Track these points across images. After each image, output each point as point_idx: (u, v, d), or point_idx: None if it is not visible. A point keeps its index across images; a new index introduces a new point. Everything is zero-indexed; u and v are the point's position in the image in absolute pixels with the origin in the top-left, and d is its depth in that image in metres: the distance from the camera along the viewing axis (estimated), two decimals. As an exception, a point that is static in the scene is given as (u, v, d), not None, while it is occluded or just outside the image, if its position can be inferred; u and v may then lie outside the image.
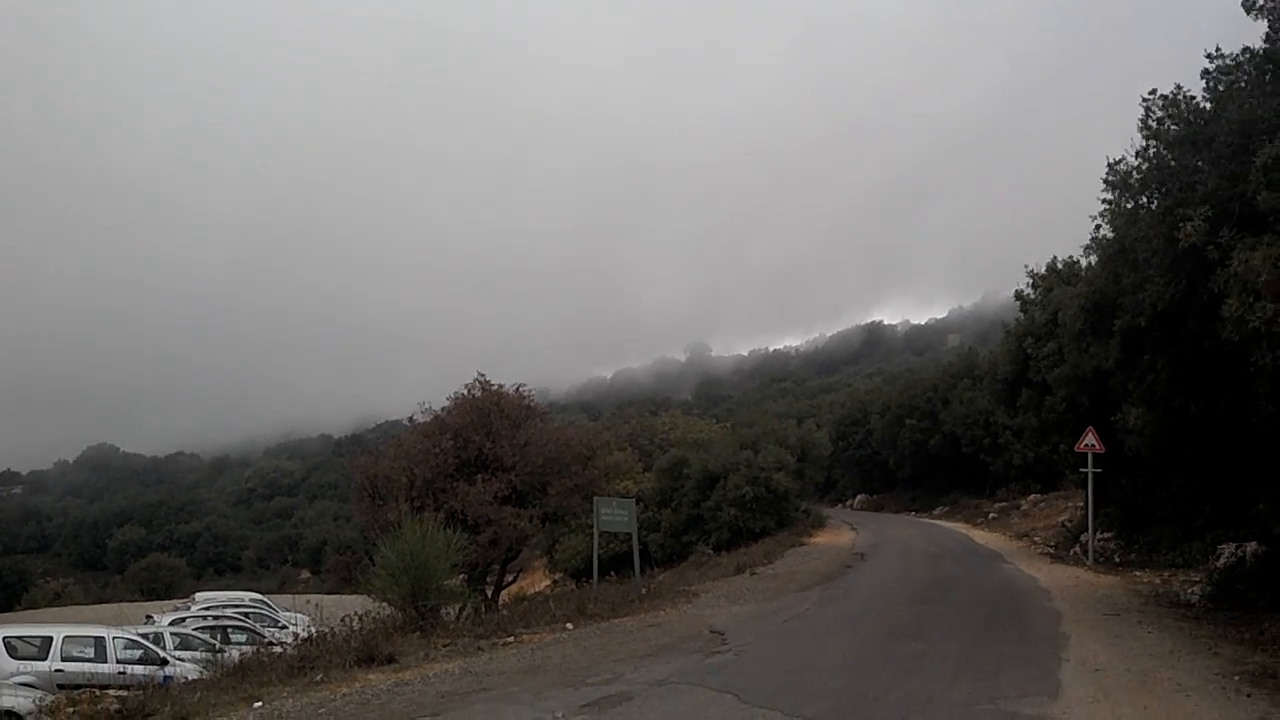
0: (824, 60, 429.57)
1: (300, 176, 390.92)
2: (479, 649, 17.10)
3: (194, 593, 51.73)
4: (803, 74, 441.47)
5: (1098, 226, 19.77)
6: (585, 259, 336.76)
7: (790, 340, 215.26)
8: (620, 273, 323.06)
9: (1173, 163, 15.33)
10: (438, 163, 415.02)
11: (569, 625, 19.83)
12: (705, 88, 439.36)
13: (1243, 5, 15.15)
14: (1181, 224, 14.14)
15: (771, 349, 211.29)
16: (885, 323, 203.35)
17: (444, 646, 17.27)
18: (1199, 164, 14.73)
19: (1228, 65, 15.58)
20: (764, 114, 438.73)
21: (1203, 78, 15.71)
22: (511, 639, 18.10)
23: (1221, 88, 15.52)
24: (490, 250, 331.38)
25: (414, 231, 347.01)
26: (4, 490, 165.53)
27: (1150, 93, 16.43)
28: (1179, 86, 16.11)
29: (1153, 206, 15.99)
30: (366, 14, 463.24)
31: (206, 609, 35.03)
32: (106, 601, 69.84)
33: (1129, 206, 16.99)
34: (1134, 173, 16.87)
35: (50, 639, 21.66)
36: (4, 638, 21.30)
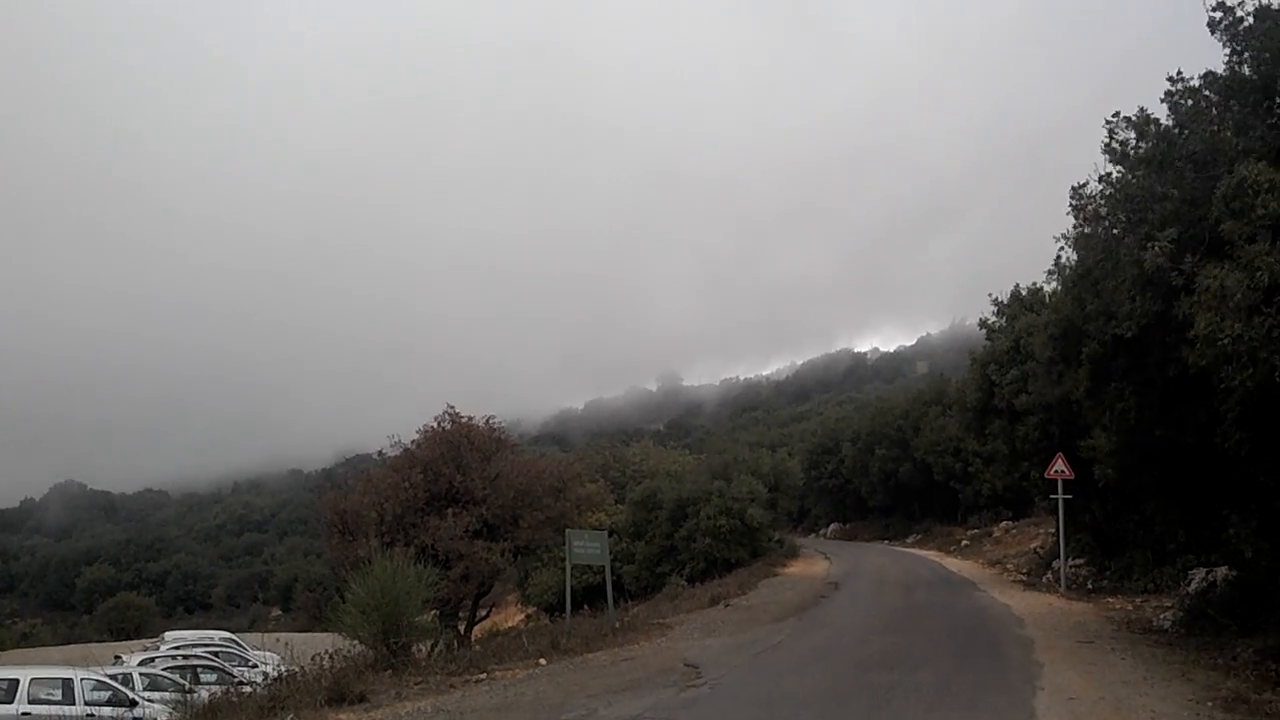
0: (862, 71, 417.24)
1: (295, 208, 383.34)
2: (451, 686, 16.96)
3: (163, 632, 51.10)
4: (837, 84, 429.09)
5: (1060, 251, 19.95)
6: (564, 293, 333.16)
7: (762, 369, 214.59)
8: (595, 305, 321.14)
9: (1137, 188, 15.45)
10: (429, 190, 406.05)
11: (542, 660, 19.69)
12: (727, 103, 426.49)
13: (1208, 25, 15.32)
14: (1147, 247, 14.24)
15: (744, 378, 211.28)
16: (856, 350, 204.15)
17: (416, 684, 17.11)
18: (1163, 189, 14.85)
19: (1191, 88, 15.73)
20: (787, 128, 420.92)
21: (1164, 100, 15.84)
22: (484, 676, 17.96)
23: (1184, 111, 15.67)
24: (463, 287, 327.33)
25: (394, 268, 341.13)
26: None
27: (1114, 115, 16.57)
28: (1142, 109, 16.25)
29: (1115, 232, 16.10)
30: (394, 24, 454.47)
31: (176, 648, 34.62)
32: (75, 642, 68.95)
33: (1092, 231, 17.09)
34: (1098, 197, 16.99)
35: (17, 681, 21.41)
36: (-31, 681, 21.03)
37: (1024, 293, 32.83)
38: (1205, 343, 12.85)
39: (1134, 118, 16.22)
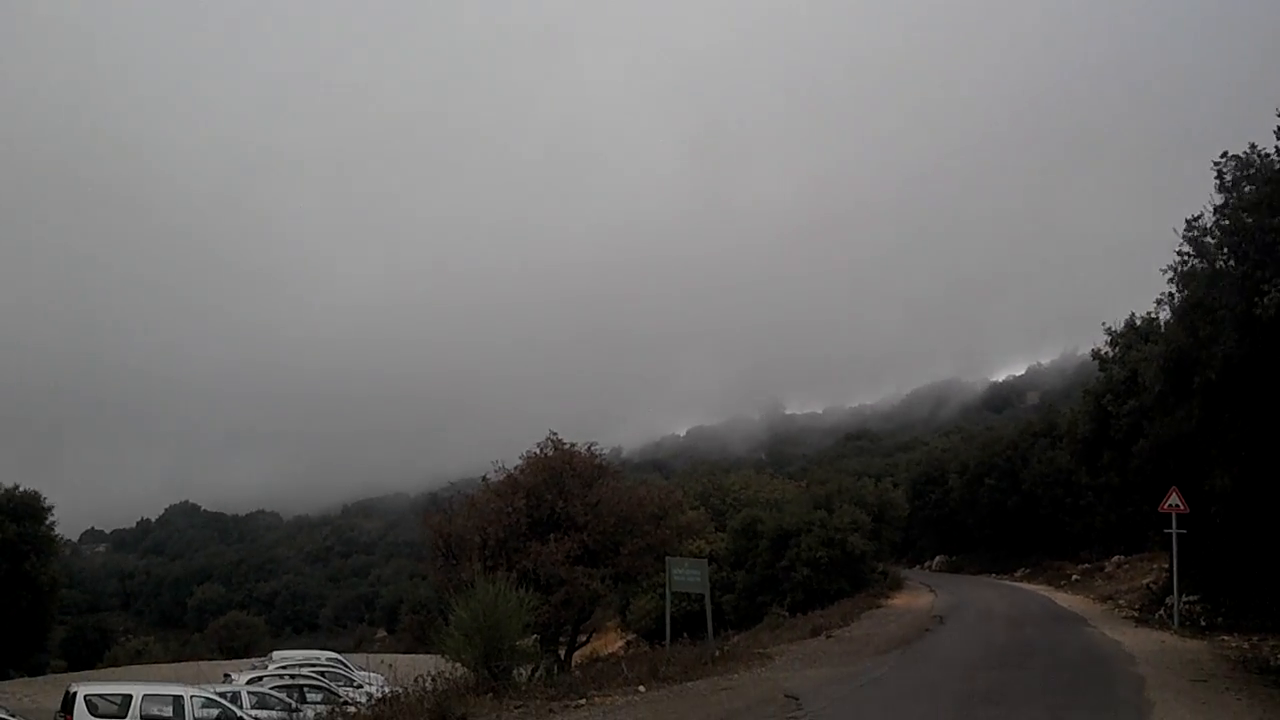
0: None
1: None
2: (551, 711, 17.05)
3: (271, 651, 52.03)
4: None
5: (1169, 283, 19.54)
6: (667, 321, 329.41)
7: (867, 398, 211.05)
8: (699, 332, 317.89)
9: (1250, 221, 15.08)
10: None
11: (641, 687, 19.68)
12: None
13: None
14: (1260, 294, 13.87)
15: (847, 406, 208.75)
16: (963, 380, 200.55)
17: (516, 708, 17.23)
18: (1276, 224, 14.47)
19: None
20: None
21: (1277, 136, 15.47)
22: (583, 701, 18.02)
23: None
24: (557, 309, 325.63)
25: (501, 295, 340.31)
26: (89, 548, 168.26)
27: (1222, 155, 16.29)
28: (1253, 146, 15.90)
29: (1230, 266, 15.73)
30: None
31: (283, 668, 35.25)
32: (186, 659, 70.53)
33: (1205, 266, 16.74)
34: (1211, 231, 16.65)
35: (130, 697, 22.01)
36: (85, 695, 21.70)
37: (1139, 322, 32.08)
38: None
39: (1243, 155, 15.87)
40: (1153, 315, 30.41)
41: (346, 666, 38.04)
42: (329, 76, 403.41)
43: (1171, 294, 20.24)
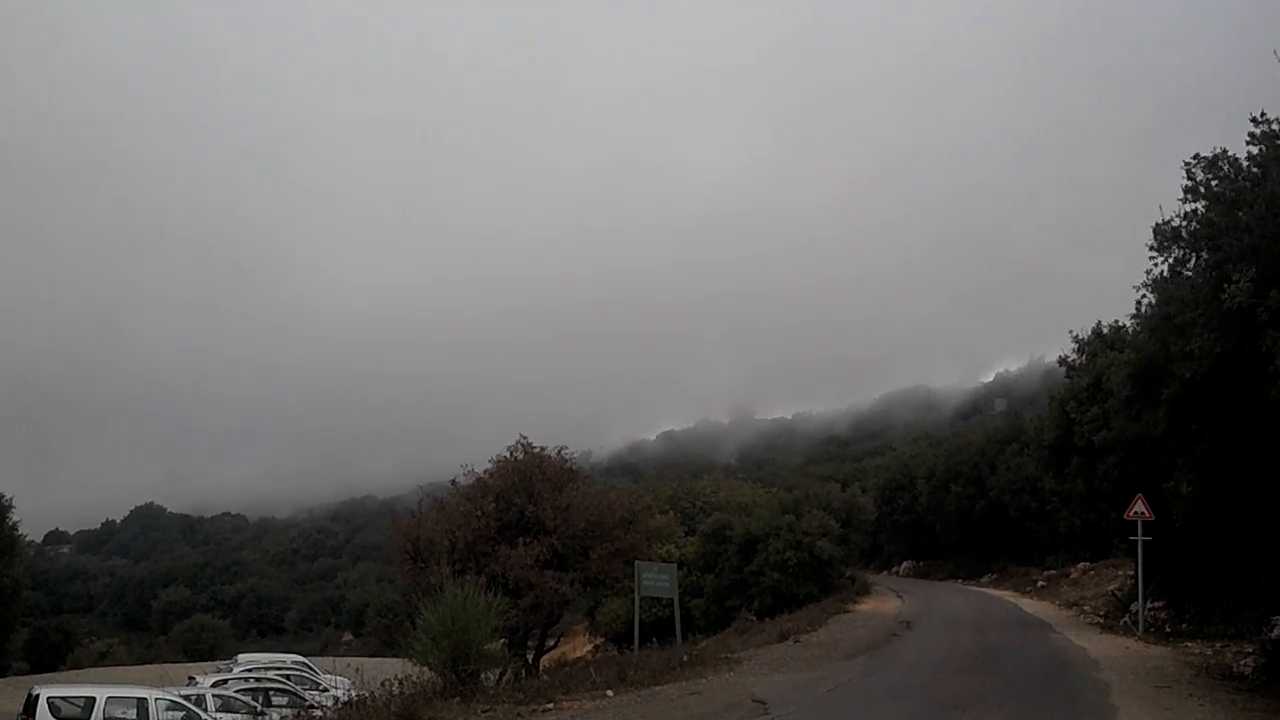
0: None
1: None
2: (518, 715, 17.04)
3: (237, 654, 51.69)
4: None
5: (1142, 296, 19.73)
6: (637, 326, 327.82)
7: (836, 404, 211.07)
8: (668, 337, 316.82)
9: (1217, 219, 15.29)
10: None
11: (609, 692, 19.68)
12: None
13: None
14: (1227, 283, 14.06)
15: (816, 412, 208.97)
16: (931, 387, 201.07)
17: (483, 713, 17.21)
18: (1245, 221, 14.66)
19: (1273, 130, 15.52)
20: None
21: (1248, 142, 15.65)
22: (551, 705, 18.00)
23: (1267, 150, 15.48)
24: (532, 315, 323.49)
25: (470, 300, 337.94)
26: (52, 549, 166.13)
27: (1193, 157, 16.49)
28: (1224, 150, 16.11)
29: (1200, 261, 15.97)
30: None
31: (248, 671, 35.05)
32: (151, 662, 69.91)
33: (1173, 260, 16.95)
34: (1181, 231, 16.83)
35: (94, 699, 21.83)
36: (48, 698, 21.49)
37: (1105, 330, 32.38)
38: None
39: (1212, 157, 16.08)
40: (1121, 324, 30.72)
41: (312, 670, 37.83)
42: (345, 74, 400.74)
43: (1142, 297, 20.42)
